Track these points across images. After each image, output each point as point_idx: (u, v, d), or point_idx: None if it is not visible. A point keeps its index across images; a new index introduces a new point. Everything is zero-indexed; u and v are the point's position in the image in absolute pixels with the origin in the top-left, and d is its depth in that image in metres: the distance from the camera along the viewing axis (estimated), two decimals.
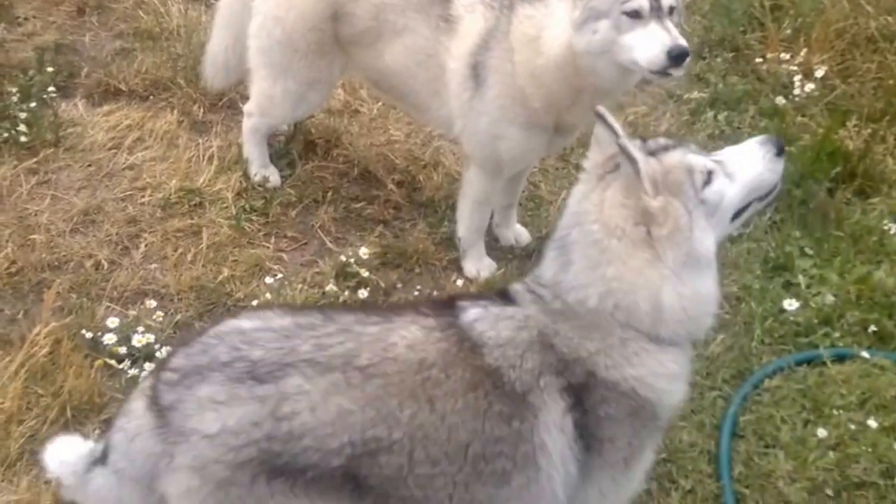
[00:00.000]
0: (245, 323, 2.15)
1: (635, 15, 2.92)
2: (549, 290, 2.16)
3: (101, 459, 2.19)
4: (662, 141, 2.19)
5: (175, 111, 4.28)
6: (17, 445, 2.80)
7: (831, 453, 3.11)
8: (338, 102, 4.43)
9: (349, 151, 4.17)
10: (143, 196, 3.83)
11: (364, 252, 3.64)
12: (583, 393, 2.09)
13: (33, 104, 4.11)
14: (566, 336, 2.11)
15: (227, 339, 2.10)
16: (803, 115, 4.45)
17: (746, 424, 3.22)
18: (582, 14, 2.99)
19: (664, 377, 2.14)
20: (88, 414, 2.94)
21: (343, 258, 3.63)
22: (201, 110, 4.33)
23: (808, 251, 3.85)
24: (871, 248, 3.89)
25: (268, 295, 3.41)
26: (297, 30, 3.54)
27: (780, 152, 2.25)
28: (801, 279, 3.73)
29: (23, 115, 4.03)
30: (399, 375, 2.04)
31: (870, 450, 3.11)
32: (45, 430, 2.86)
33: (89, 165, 3.96)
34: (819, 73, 4.65)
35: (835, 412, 3.24)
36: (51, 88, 4.25)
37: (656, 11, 2.93)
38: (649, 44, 2.91)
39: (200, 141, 4.14)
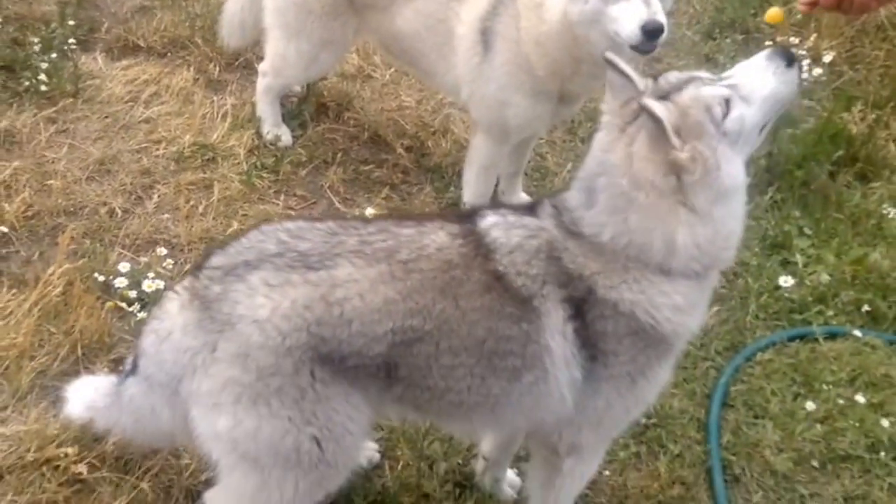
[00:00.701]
0: (288, 224, 2.23)
1: None
2: (569, 214, 2.19)
3: (132, 370, 2.28)
4: (673, 79, 2.15)
5: (192, 69, 4.31)
6: (28, 379, 2.86)
7: (819, 426, 3.15)
8: (351, 67, 4.45)
9: (360, 115, 4.20)
10: (157, 149, 3.86)
11: (370, 213, 3.67)
12: (583, 306, 2.15)
13: (54, 55, 4.14)
14: (573, 253, 2.16)
15: (272, 235, 2.18)
16: (810, 99, 4.47)
17: (737, 395, 3.26)
18: None
19: (666, 307, 2.16)
20: (98, 353, 2.98)
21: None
22: (217, 69, 4.35)
23: (807, 231, 3.88)
24: (870, 230, 3.91)
25: None
26: None
27: (790, 63, 2.18)
28: (798, 258, 3.76)
29: (44, 66, 4.06)
30: (432, 272, 2.13)
31: (857, 424, 3.15)
32: (55, 367, 2.92)
33: (106, 117, 3.99)
34: (827, 59, 4.66)
35: (824, 387, 3.28)
36: (71, 41, 4.28)
37: None
38: (628, 17, 2.89)
39: (215, 98, 4.16)
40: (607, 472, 2.94)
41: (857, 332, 3.48)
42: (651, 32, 2.88)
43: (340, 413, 2.15)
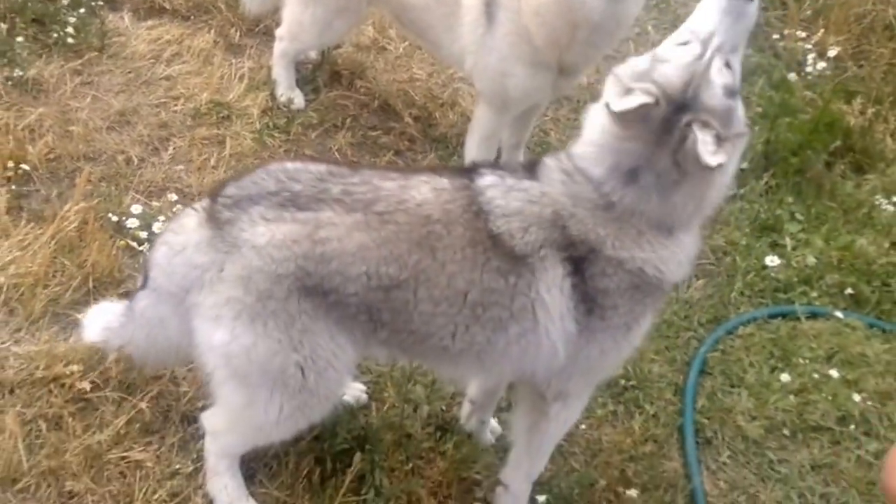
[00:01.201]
0: (289, 165, 2.41)
1: None
2: (590, 183, 2.28)
3: (143, 284, 2.49)
4: (678, 83, 2.17)
5: (213, 32, 4.47)
6: (41, 305, 3.04)
7: (792, 397, 3.30)
8: (366, 39, 4.62)
9: (372, 84, 4.36)
10: (175, 104, 4.04)
11: None
12: (583, 264, 2.28)
13: (82, 11, 4.32)
14: (580, 219, 2.27)
15: (273, 174, 2.36)
16: (812, 91, 4.59)
17: (715, 364, 3.41)
18: None
19: (672, 262, 2.32)
20: (108, 286, 3.16)
21: None
22: (238, 34, 4.52)
23: (799, 216, 4.02)
24: (860, 219, 4.04)
25: None
26: None
27: None
28: (787, 241, 3.90)
29: (72, 20, 4.23)
30: (408, 226, 2.28)
31: (829, 398, 3.30)
32: (67, 296, 3.10)
33: (129, 72, 4.16)
34: (832, 53, 4.78)
35: (801, 361, 3.43)
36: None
37: None
38: None
39: (234, 61, 4.33)
40: (583, 427, 3.09)
41: (839, 314, 3.62)
42: None
43: (324, 348, 2.34)
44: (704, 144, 2.12)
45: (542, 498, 2.76)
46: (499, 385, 2.92)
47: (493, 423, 3.05)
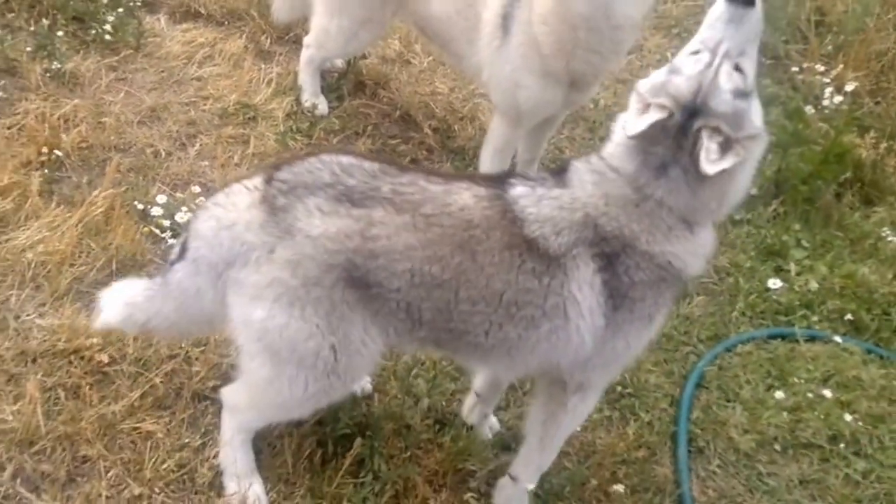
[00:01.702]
0: (343, 158, 2.57)
1: None
2: (622, 178, 2.45)
3: (180, 255, 2.62)
4: (686, 91, 2.35)
5: (244, 38, 4.74)
6: (66, 282, 3.27)
7: (785, 414, 3.43)
8: (392, 52, 4.86)
9: (394, 95, 4.59)
10: (204, 104, 4.29)
11: None
12: (615, 260, 2.45)
13: (121, 10, 4.59)
14: (614, 217, 2.44)
15: (328, 166, 2.52)
16: (827, 124, 4.75)
17: (712, 378, 3.55)
18: None
19: (694, 255, 2.50)
20: (130, 269, 3.36)
21: None
22: (268, 41, 4.79)
23: (805, 243, 4.16)
24: (865, 250, 4.19)
25: None
26: None
27: (751, 2, 2.40)
28: (791, 266, 4.05)
29: (110, 19, 4.51)
30: (452, 229, 2.46)
31: (822, 417, 3.42)
32: (91, 275, 3.33)
33: (162, 71, 4.43)
34: (849, 88, 4.94)
35: (797, 381, 3.56)
36: (137, 1, 4.74)
37: None
38: None
39: (263, 66, 4.59)
40: (578, 429, 3.23)
41: (838, 339, 3.76)
42: None
43: (357, 336, 2.50)
44: (707, 152, 2.31)
45: (531, 486, 2.91)
46: (506, 379, 3.11)
47: (493, 419, 3.22)
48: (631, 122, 2.41)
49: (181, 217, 3.59)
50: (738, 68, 2.37)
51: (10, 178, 3.59)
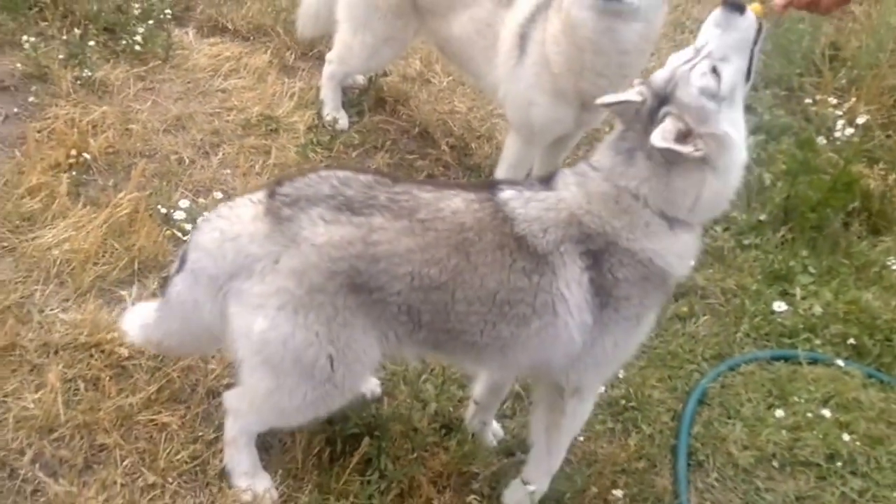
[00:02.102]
0: (339, 172, 2.71)
1: None
2: (601, 173, 2.62)
3: (179, 268, 2.75)
4: (660, 82, 2.55)
5: (269, 53, 4.96)
6: (89, 280, 3.43)
7: (785, 432, 3.51)
8: (413, 71, 5.05)
9: (414, 113, 4.77)
10: (228, 115, 4.49)
11: None
12: (601, 257, 2.59)
13: (151, 23, 4.81)
14: (596, 214, 2.59)
15: (327, 179, 2.66)
16: (837, 154, 4.87)
17: (714, 395, 3.65)
18: None
19: (674, 253, 2.63)
20: (152, 269, 3.54)
21: None
22: (292, 56, 5.00)
23: (811, 270, 4.26)
24: (870, 278, 4.28)
25: None
26: None
27: (741, 10, 2.54)
28: (797, 291, 4.15)
29: (140, 31, 4.73)
30: (447, 232, 2.59)
31: (820, 436, 3.50)
32: (114, 274, 3.49)
33: (189, 82, 4.64)
34: (861, 121, 5.06)
35: (797, 400, 3.64)
36: (167, 13, 4.95)
37: None
38: None
39: (286, 81, 4.79)
40: (581, 438, 3.34)
41: (840, 362, 3.84)
42: None
43: (357, 344, 2.62)
44: (662, 130, 2.46)
45: (532, 488, 3.01)
46: (503, 387, 3.23)
47: (497, 426, 3.33)
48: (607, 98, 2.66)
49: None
50: (714, 70, 2.50)
51: (38, 179, 3.78)
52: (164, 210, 3.80)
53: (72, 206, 3.71)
